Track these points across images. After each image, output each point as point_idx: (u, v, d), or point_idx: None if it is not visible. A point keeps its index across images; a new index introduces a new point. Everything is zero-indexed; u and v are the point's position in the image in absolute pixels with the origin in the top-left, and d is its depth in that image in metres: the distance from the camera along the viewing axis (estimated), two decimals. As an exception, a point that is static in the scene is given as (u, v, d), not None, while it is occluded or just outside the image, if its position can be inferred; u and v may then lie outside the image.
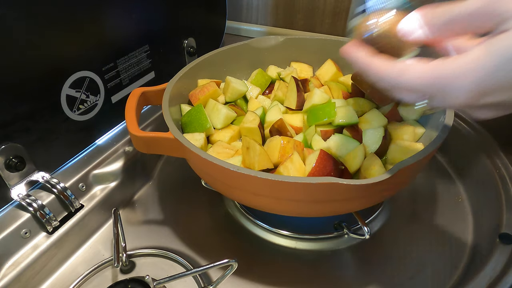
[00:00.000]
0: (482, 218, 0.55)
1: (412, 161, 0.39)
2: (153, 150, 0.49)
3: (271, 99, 0.61)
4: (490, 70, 0.22)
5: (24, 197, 0.50)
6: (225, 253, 0.46)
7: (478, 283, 0.43)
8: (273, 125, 0.52)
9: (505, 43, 0.22)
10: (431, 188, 0.61)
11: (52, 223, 0.50)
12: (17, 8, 0.44)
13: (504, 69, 0.22)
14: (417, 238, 0.53)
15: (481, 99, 0.24)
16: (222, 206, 0.60)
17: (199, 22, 0.78)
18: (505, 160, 0.57)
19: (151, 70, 0.69)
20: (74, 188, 0.55)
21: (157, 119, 0.71)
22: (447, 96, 0.25)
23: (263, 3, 0.87)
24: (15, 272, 0.46)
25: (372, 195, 0.44)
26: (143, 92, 0.55)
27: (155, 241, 0.54)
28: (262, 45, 0.67)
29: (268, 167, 0.46)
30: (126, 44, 0.62)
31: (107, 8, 0.56)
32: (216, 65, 0.64)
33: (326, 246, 0.53)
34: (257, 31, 0.90)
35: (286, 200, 0.42)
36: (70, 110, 0.55)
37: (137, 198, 0.62)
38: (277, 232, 0.54)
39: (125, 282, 0.45)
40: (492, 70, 0.22)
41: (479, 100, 0.24)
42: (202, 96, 0.57)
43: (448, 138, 0.42)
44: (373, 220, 0.56)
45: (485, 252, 0.48)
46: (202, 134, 0.52)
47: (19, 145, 0.49)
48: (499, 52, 0.22)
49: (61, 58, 0.52)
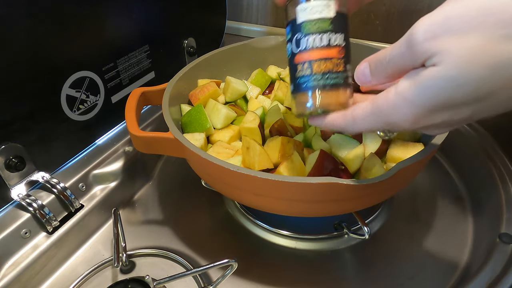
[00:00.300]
0: (482, 218, 0.55)
1: (412, 161, 0.39)
2: (153, 150, 0.49)
3: (271, 99, 0.61)
4: (417, 101, 0.26)
5: (24, 197, 0.50)
6: (225, 253, 0.46)
7: (478, 283, 0.43)
8: (273, 125, 0.52)
9: (426, 77, 0.25)
10: (431, 188, 0.61)
11: (52, 223, 0.50)
12: (17, 8, 0.44)
13: (428, 97, 0.25)
14: (417, 238, 0.53)
15: (424, 120, 0.27)
16: (222, 206, 0.60)
17: (199, 22, 0.78)
18: (505, 160, 0.57)
19: (151, 70, 0.69)
20: (74, 188, 0.55)
21: (157, 119, 0.71)
22: (395, 123, 0.28)
23: (263, 3, 0.87)
24: (15, 272, 0.46)
25: (372, 195, 0.44)
26: (143, 92, 0.55)
27: (155, 241, 0.54)
28: (262, 45, 0.67)
29: (268, 167, 0.46)
30: (126, 44, 0.62)
31: (107, 8, 0.56)
32: (216, 65, 0.64)
33: (326, 246, 0.53)
34: (257, 31, 0.90)
35: (286, 200, 0.42)
36: (70, 110, 0.55)
37: (137, 198, 0.62)
38: (277, 232, 0.54)
39: (125, 282, 0.45)
40: (418, 99, 0.26)
41: (424, 121, 0.27)
42: (202, 96, 0.57)
43: (448, 138, 0.42)
44: (373, 220, 0.56)
45: (485, 252, 0.47)
46: (202, 134, 0.52)
47: (19, 145, 0.49)
48: (421, 84, 0.25)
49: (61, 58, 0.52)
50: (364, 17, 0.76)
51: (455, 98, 0.25)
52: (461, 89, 0.24)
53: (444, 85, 0.24)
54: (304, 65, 0.33)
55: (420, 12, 0.41)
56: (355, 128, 0.31)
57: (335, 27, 0.33)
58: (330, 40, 0.33)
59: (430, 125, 0.28)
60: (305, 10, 0.33)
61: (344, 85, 0.33)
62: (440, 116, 0.27)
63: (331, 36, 0.33)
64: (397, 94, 0.27)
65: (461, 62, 0.24)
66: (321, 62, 0.33)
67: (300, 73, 0.34)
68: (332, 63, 0.33)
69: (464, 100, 0.25)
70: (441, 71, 0.24)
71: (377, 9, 0.74)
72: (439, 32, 0.24)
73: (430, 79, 0.25)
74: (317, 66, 0.33)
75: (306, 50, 0.33)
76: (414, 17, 0.29)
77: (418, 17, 0.25)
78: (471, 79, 0.24)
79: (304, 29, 0.33)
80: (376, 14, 0.75)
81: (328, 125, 0.33)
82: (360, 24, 0.77)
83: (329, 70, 0.33)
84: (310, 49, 0.33)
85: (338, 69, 0.33)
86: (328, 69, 0.33)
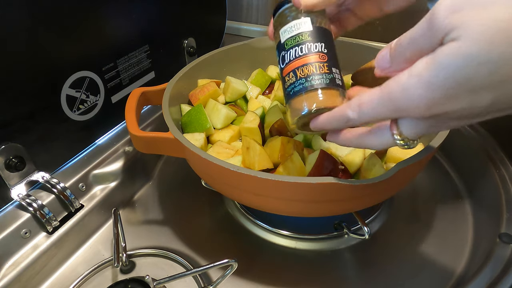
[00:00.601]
0: (482, 218, 0.55)
1: (412, 161, 0.39)
2: (153, 150, 0.49)
3: (271, 99, 0.61)
4: (432, 79, 0.23)
5: (24, 197, 0.50)
6: (225, 253, 0.46)
7: (478, 283, 0.43)
8: (273, 125, 0.52)
9: (443, 53, 0.23)
10: (431, 188, 0.61)
11: (52, 223, 0.50)
12: (17, 8, 0.44)
13: (445, 77, 0.23)
14: (417, 238, 0.53)
15: (439, 106, 0.24)
16: (222, 206, 0.60)
17: (199, 22, 0.78)
18: (505, 160, 0.57)
19: (151, 70, 0.69)
20: (74, 188, 0.55)
21: (157, 119, 0.71)
22: (406, 109, 0.25)
23: (263, 3, 0.87)
24: (15, 272, 0.46)
25: (372, 195, 0.44)
26: (143, 92, 0.55)
27: (155, 241, 0.54)
28: (262, 45, 0.67)
29: (268, 167, 0.46)
30: (126, 44, 0.62)
31: (107, 8, 0.56)
32: (216, 65, 0.64)
33: (326, 246, 0.53)
34: (257, 31, 0.90)
35: (286, 200, 0.42)
36: (70, 110, 0.55)
37: (137, 198, 0.62)
38: (277, 232, 0.54)
39: (125, 282, 0.45)
40: (435, 79, 0.23)
41: (439, 107, 0.24)
42: (202, 96, 0.57)
43: (448, 138, 0.42)
44: (373, 220, 0.56)
45: (485, 252, 0.47)
46: (202, 134, 0.52)
47: (19, 145, 0.49)
48: (439, 62, 0.23)
49: (61, 58, 0.52)
50: (364, 17, 0.76)
51: (475, 79, 0.22)
52: (481, 68, 0.21)
53: (463, 63, 0.22)
54: (290, 74, 0.36)
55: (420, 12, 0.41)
56: (361, 117, 0.29)
57: (314, 38, 0.35)
58: (310, 48, 0.35)
59: (444, 114, 0.25)
60: (286, 31, 0.37)
61: (331, 84, 0.34)
62: (458, 102, 0.24)
63: (311, 45, 0.35)
64: (410, 75, 0.24)
65: (482, 37, 0.21)
66: (303, 67, 0.35)
67: (287, 83, 0.36)
68: (314, 66, 0.34)
69: (485, 83, 0.22)
70: (461, 47, 0.22)
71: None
72: (460, 4, 0.22)
73: (448, 56, 0.22)
74: (300, 72, 0.35)
75: (290, 61, 0.36)
76: (414, 17, 0.29)
77: (418, 17, 0.25)
78: (492, 57, 0.21)
79: (286, 46, 0.37)
80: (376, 14, 0.75)
81: (331, 119, 0.32)
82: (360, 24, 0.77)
83: (312, 73, 0.34)
84: (293, 60, 0.36)
85: (321, 71, 0.34)
86: (311, 72, 0.34)
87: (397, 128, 0.28)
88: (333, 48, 0.36)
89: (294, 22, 0.36)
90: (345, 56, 0.44)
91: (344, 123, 0.31)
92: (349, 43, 0.62)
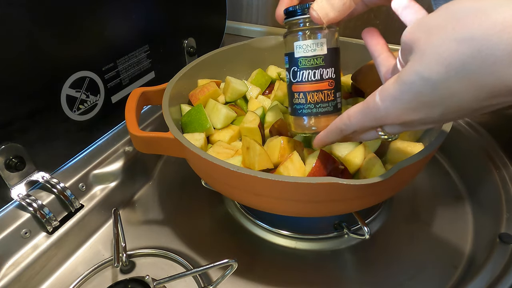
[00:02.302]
0: (482, 218, 0.55)
1: (412, 161, 0.39)
2: (153, 150, 0.49)
3: (271, 99, 0.61)
4: (396, 95, 0.27)
5: (24, 197, 0.50)
6: (225, 253, 0.46)
7: (478, 283, 0.43)
8: (273, 125, 0.52)
9: (404, 71, 0.27)
10: (431, 188, 0.61)
11: (52, 223, 0.50)
12: (17, 8, 0.44)
13: (404, 92, 0.27)
14: (417, 238, 0.53)
15: (404, 116, 0.28)
16: (222, 206, 0.60)
17: (199, 22, 0.78)
18: (505, 160, 0.57)
19: (151, 70, 0.69)
20: (74, 188, 0.55)
21: (157, 119, 0.71)
22: (381, 117, 0.30)
23: (263, 3, 0.87)
24: (15, 272, 0.46)
25: (372, 195, 0.44)
26: (143, 92, 0.55)
27: (155, 241, 0.54)
28: (262, 45, 0.67)
29: (268, 167, 0.46)
30: (126, 44, 0.62)
31: (107, 8, 0.56)
32: (216, 65, 0.64)
33: (326, 246, 0.53)
34: (257, 31, 0.90)
35: (286, 200, 0.42)
36: (70, 110, 0.55)
37: (137, 198, 0.62)
38: (277, 232, 0.54)
39: (125, 282, 0.45)
40: (399, 95, 0.27)
41: (405, 117, 0.28)
42: (202, 96, 0.57)
43: (448, 138, 0.42)
44: (373, 220, 0.56)
45: (485, 252, 0.47)
46: (202, 134, 0.52)
47: (19, 145, 0.49)
48: (400, 78, 0.27)
49: (61, 58, 0.52)
50: (364, 17, 0.76)
51: (425, 95, 0.26)
52: (426, 85, 0.25)
53: (413, 79, 0.26)
54: (300, 94, 0.40)
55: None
56: (350, 126, 0.33)
57: (327, 62, 0.39)
58: (322, 75, 0.39)
59: (411, 122, 0.29)
60: (301, 47, 0.39)
61: (333, 111, 0.40)
62: (417, 113, 0.28)
63: (323, 71, 0.39)
64: (382, 90, 0.29)
65: (425, 59, 0.25)
66: (314, 93, 0.39)
67: (296, 100, 0.41)
68: (324, 94, 0.39)
69: (433, 98, 0.26)
70: (413, 66, 0.26)
71: (377, 9, 0.74)
72: (414, 29, 0.26)
73: (405, 74, 0.26)
74: (310, 97, 0.39)
75: (302, 82, 0.40)
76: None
77: (418, 17, 0.26)
78: (432, 77, 0.25)
79: (300, 64, 0.39)
80: (376, 14, 0.75)
81: (329, 134, 0.36)
82: (360, 24, 0.77)
83: (321, 100, 0.39)
84: (305, 82, 0.39)
85: (328, 98, 0.39)
86: (320, 99, 0.39)
87: (381, 130, 0.33)
88: (339, 67, 0.40)
89: (311, 42, 0.38)
90: (345, 56, 0.44)
91: (339, 134, 0.36)
92: (349, 43, 0.62)
